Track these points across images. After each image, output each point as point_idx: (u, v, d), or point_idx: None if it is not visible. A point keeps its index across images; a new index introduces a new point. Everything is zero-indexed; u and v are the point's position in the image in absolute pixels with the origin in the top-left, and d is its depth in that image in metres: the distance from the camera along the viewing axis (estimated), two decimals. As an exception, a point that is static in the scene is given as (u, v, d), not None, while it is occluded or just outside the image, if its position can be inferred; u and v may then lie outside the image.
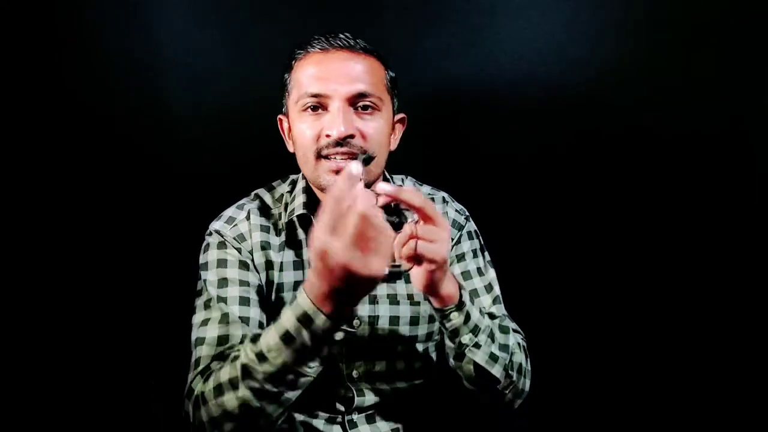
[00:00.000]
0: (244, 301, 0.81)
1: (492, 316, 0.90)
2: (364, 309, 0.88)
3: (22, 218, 1.25)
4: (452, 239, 0.96)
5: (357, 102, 0.81)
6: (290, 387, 0.67)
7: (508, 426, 0.92)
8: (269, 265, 0.87)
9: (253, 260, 0.86)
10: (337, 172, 0.79)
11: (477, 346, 0.79)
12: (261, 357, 0.65)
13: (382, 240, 0.57)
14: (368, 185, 0.67)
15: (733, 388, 1.30)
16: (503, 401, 0.84)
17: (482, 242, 1.00)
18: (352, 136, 0.79)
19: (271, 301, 0.87)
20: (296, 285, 0.88)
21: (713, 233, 1.31)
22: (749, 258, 1.30)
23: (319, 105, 0.81)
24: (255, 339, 0.67)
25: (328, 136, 0.79)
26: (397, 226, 0.66)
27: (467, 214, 1.01)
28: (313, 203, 0.89)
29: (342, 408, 0.89)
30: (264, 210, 0.91)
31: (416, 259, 0.68)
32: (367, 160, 0.78)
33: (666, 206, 1.31)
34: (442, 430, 0.95)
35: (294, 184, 0.95)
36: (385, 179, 0.95)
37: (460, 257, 0.95)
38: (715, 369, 1.31)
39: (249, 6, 1.26)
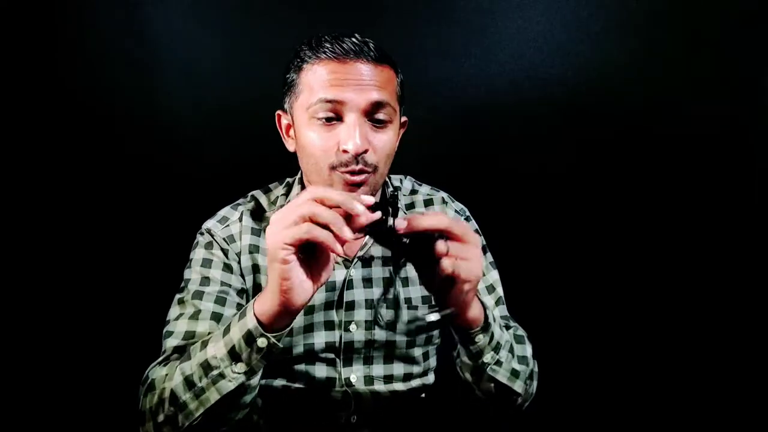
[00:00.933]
0: (220, 300, 0.80)
1: (507, 327, 0.88)
2: (360, 314, 0.87)
3: (22, 217, 1.25)
4: None
5: (372, 115, 0.79)
6: (213, 383, 0.67)
7: (509, 428, 0.92)
8: (256, 269, 0.87)
9: (239, 263, 0.86)
10: (353, 184, 0.77)
11: (498, 363, 0.76)
12: (203, 343, 0.70)
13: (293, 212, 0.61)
14: (371, 194, 0.66)
15: (733, 388, 1.30)
16: (513, 407, 0.82)
17: (484, 242, 0.99)
18: (365, 151, 0.77)
19: None
20: None
21: (713, 233, 1.31)
22: (749, 258, 1.30)
23: (333, 113, 0.78)
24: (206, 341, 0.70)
25: (345, 151, 0.76)
26: (427, 249, 0.63)
27: (468, 214, 1.00)
28: None
29: (341, 412, 0.88)
30: (258, 212, 0.90)
31: (448, 281, 0.64)
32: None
33: (666, 206, 1.31)
34: (443, 432, 0.95)
35: (289, 187, 0.94)
36: (384, 183, 0.94)
37: None
38: (715, 369, 1.31)
39: (249, 6, 1.26)
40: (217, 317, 0.79)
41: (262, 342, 0.66)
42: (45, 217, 1.26)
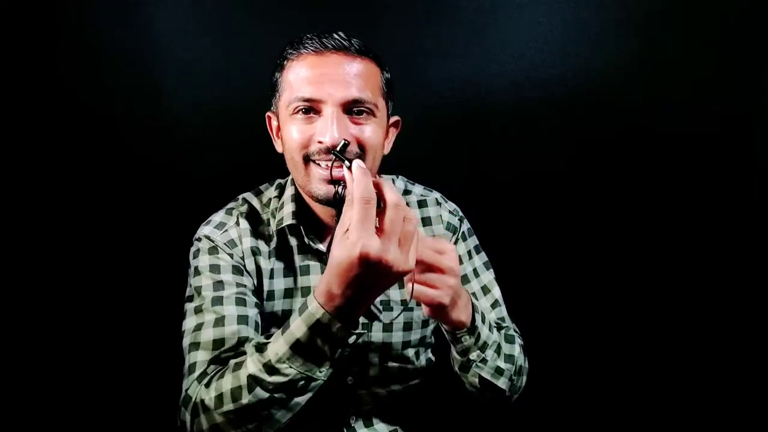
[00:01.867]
0: (241, 302, 0.79)
1: (499, 327, 0.89)
2: None
3: (21, 218, 1.24)
4: None
5: (351, 108, 0.78)
6: (301, 393, 0.66)
7: (506, 427, 0.92)
8: (259, 271, 0.86)
9: (244, 266, 0.85)
10: (330, 181, 0.76)
11: (484, 361, 0.79)
12: (270, 368, 0.64)
13: (411, 230, 0.58)
14: None
15: (732, 387, 1.30)
16: (502, 398, 0.84)
17: (478, 242, 0.99)
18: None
19: (261, 308, 0.85)
20: (287, 292, 0.87)
21: (713, 233, 1.31)
22: (749, 258, 1.30)
23: (311, 109, 0.78)
24: (261, 348, 0.66)
25: (320, 142, 0.76)
26: None
27: (461, 215, 0.99)
28: (302, 212, 0.87)
29: (339, 414, 0.88)
30: (252, 215, 0.90)
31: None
32: (343, 150, 0.73)
33: (666, 206, 1.31)
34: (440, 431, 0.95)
35: (281, 188, 0.93)
36: None
37: None
38: (714, 369, 1.31)
39: (249, 6, 1.26)
40: (242, 319, 0.77)
41: (351, 338, 0.65)
42: (45, 217, 1.26)
